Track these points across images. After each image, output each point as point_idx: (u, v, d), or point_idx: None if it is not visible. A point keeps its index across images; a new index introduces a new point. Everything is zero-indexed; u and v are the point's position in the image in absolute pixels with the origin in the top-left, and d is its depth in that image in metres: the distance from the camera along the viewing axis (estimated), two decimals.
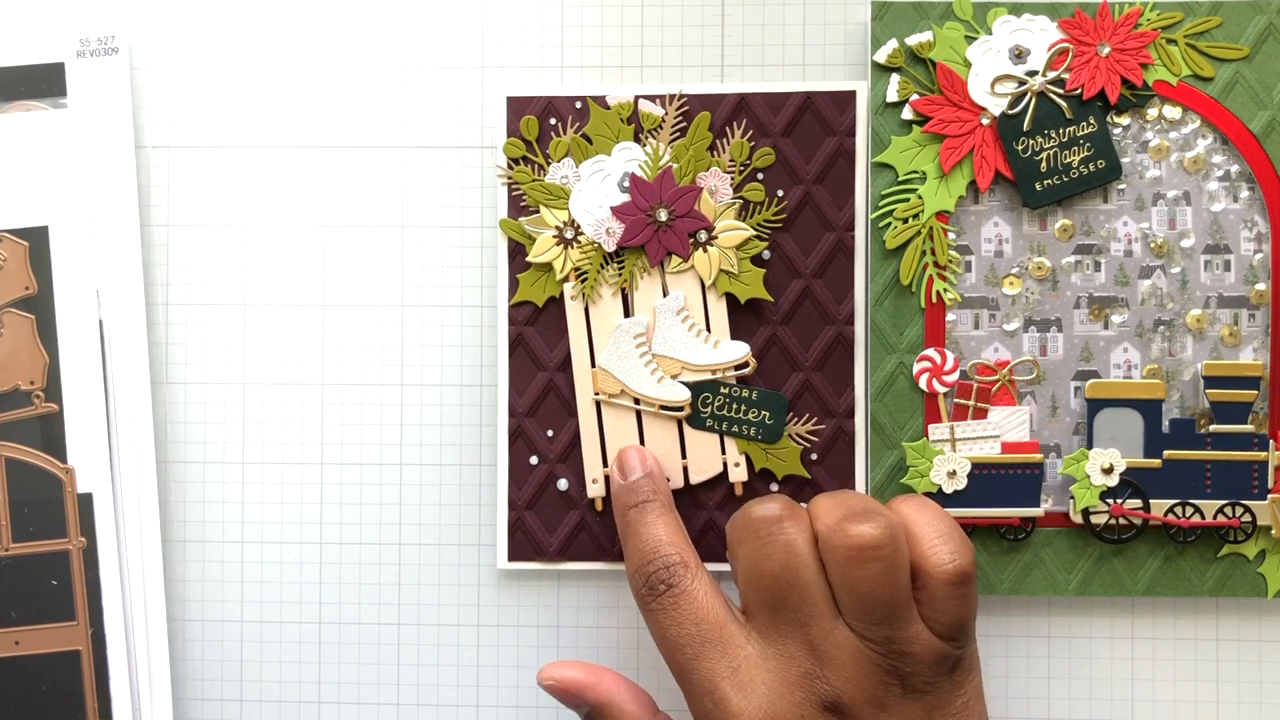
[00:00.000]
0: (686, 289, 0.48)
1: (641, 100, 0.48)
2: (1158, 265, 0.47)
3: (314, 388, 0.50)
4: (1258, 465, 0.47)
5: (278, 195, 0.50)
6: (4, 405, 0.49)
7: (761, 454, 0.48)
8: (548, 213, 0.48)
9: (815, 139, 0.48)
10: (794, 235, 0.48)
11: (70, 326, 0.49)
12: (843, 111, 0.47)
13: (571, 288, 0.48)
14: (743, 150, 0.47)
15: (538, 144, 0.48)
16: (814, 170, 0.48)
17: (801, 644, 0.40)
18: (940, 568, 0.40)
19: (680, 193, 0.47)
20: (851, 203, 0.48)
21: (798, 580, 0.40)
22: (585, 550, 0.48)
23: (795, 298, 0.48)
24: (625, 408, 0.48)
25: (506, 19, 0.49)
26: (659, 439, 0.48)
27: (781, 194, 0.48)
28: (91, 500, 0.49)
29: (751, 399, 0.48)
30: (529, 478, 0.48)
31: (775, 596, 0.41)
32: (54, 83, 0.49)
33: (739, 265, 0.48)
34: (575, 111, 0.48)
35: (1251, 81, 0.47)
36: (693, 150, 0.47)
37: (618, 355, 0.48)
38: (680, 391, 0.48)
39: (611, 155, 0.48)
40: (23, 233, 0.49)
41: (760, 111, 0.48)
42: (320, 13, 0.50)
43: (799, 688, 0.40)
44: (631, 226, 0.48)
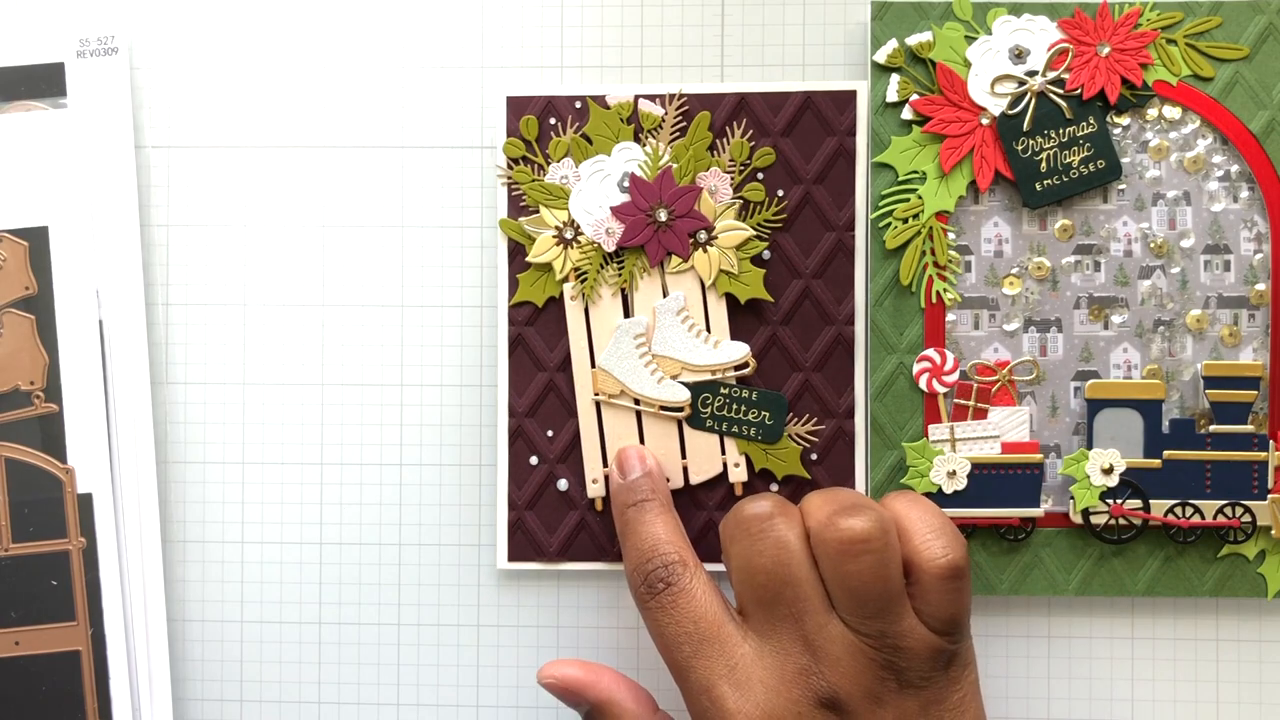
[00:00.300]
0: (686, 289, 0.48)
1: (641, 100, 0.48)
2: (1158, 265, 0.47)
3: (314, 388, 0.50)
4: (1258, 465, 0.47)
5: (278, 195, 0.50)
6: (4, 405, 0.49)
7: (761, 454, 0.48)
8: (547, 213, 0.48)
9: (815, 139, 0.48)
10: (794, 235, 0.48)
11: (70, 326, 0.49)
12: (843, 111, 0.47)
13: (571, 288, 0.48)
14: (743, 150, 0.47)
15: (537, 144, 0.48)
16: (814, 170, 0.48)
17: (796, 640, 0.40)
18: (933, 562, 0.40)
19: (680, 193, 0.47)
20: (852, 203, 0.48)
21: (790, 576, 0.40)
22: (585, 550, 0.48)
23: (795, 298, 0.48)
24: (625, 408, 0.48)
25: (506, 19, 0.49)
26: (659, 439, 0.48)
27: (781, 194, 0.48)
28: (91, 500, 0.49)
29: (751, 399, 0.48)
30: (529, 478, 0.48)
31: (769, 593, 0.41)
32: (54, 83, 0.49)
33: (739, 265, 0.48)
34: (575, 111, 0.48)
35: (1251, 81, 0.47)
36: (692, 150, 0.47)
37: (617, 355, 0.48)
38: (680, 392, 0.48)
39: (611, 155, 0.48)
40: (23, 233, 0.49)
41: (760, 111, 0.48)
42: (320, 12, 0.50)
43: (795, 684, 0.40)
44: (631, 226, 0.48)
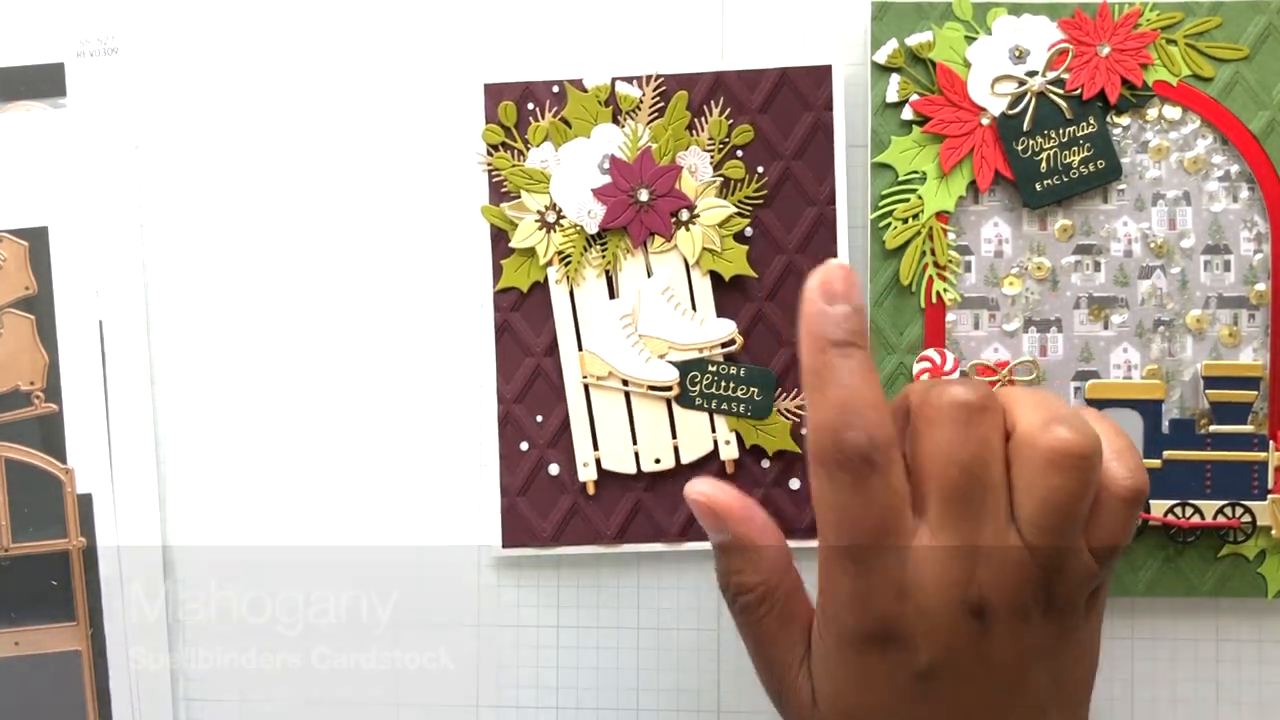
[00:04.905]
0: (671, 268, 0.48)
1: (619, 82, 0.48)
2: (1158, 265, 0.47)
3: (311, 386, 0.50)
4: (1258, 465, 0.47)
5: (278, 195, 0.50)
6: (4, 405, 0.49)
7: (752, 430, 0.48)
8: (529, 197, 0.48)
9: (793, 115, 0.48)
10: (775, 211, 0.48)
11: (70, 326, 0.49)
12: (819, 86, 0.48)
13: (555, 271, 0.48)
14: (721, 128, 0.48)
15: (516, 129, 0.48)
16: (793, 146, 0.48)
17: (969, 543, 0.38)
18: (1118, 482, 0.38)
19: (660, 172, 0.48)
20: (831, 177, 0.48)
21: (987, 478, 0.37)
22: (579, 534, 0.48)
23: (779, 273, 0.48)
24: (614, 390, 0.48)
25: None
26: (648, 420, 0.48)
27: (761, 170, 0.48)
28: (91, 500, 0.49)
29: (740, 376, 0.48)
30: (520, 464, 0.48)
31: (961, 491, 0.37)
32: (53, 82, 0.49)
33: (722, 243, 0.48)
34: (553, 96, 0.48)
35: (1251, 81, 0.47)
36: (671, 130, 0.48)
37: (604, 337, 0.48)
38: (668, 371, 0.48)
39: (590, 138, 0.48)
40: (23, 233, 0.49)
41: (737, 89, 0.48)
42: (319, 12, 0.50)
43: (953, 588, 0.37)
44: (613, 208, 0.48)
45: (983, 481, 0.38)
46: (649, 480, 0.48)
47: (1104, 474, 0.38)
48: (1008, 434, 0.38)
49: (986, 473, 0.38)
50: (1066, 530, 0.38)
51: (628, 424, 0.48)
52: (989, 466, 0.38)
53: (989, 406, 0.38)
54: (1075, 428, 0.37)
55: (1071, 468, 0.37)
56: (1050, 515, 0.37)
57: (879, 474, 0.37)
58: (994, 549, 0.38)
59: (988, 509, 0.38)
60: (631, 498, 0.48)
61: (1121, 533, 0.38)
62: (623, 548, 0.48)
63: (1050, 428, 0.37)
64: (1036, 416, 0.38)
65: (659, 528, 0.48)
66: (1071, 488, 0.37)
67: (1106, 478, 0.38)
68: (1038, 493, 0.37)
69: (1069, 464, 0.37)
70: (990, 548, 0.38)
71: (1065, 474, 0.37)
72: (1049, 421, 0.37)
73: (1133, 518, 0.39)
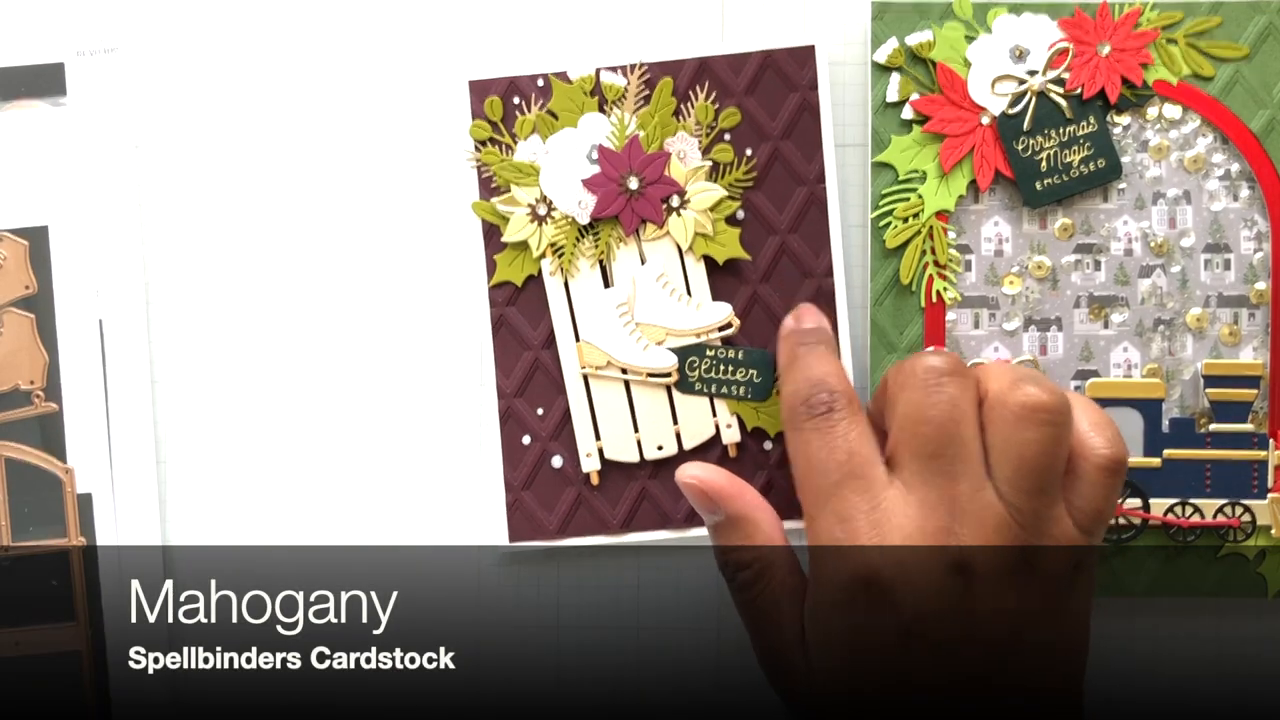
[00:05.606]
0: (664, 255, 0.48)
1: (603, 72, 0.48)
2: (1158, 264, 0.47)
3: (311, 386, 0.50)
4: (1258, 465, 0.47)
5: (277, 196, 0.50)
6: (4, 405, 0.49)
7: (753, 413, 0.48)
8: (519, 191, 0.48)
9: (779, 96, 0.48)
10: (766, 192, 0.48)
11: (70, 326, 0.49)
12: (803, 66, 0.48)
13: (549, 264, 0.48)
14: (708, 113, 0.48)
15: (503, 124, 0.48)
16: (779, 127, 0.48)
17: (944, 499, 0.39)
18: (1096, 452, 0.40)
19: (649, 160, 0.48)
20: (820, 155, 0.48)
21: (958, 434, 0.39)
22: (585, 525, 0.48)
23: (773, 255, 0.48)
24: (613, 379, 0.48)
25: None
26: (649, 407, 0.48)
27: (750, 153, 0.48)
28: (91, 500, 0.49)
29: (738, 358, 0.48)
30: (523, 458, 0.48)
31: (932, 446, 0.39)
32: (53, 82, 0.49)
33: (714, 226, 0.48)
34: (538, 89, 0.48)
35: (1251, 81, 0.47)
36: (658, 117, 0.48)
37: (601, 327, 0.48)
38: (666, 358, 0.48)
39: (578, 128, 0.48)
40: (23, 232, 0.49)
41: (722, 73, 0.48)
42: (318, 11, 0.50)
43: (932, 540, 0.39)
44: (604, 198, 0.48)
45: (954, 438, 0.39)
46: (652, 468, 0.48)
47: (1082, 445, 0.40)
48: (981, 401, 0.40)
49: (957, 430, 0.39)
50: (1044, 488, 0.39)
51: (628, 412, 0.48)
52: (959, 425, 0.39)
53: (958, 372, 0.40)
54: (1043, 386, 0.39)
55: (1042, 423, 0.39)
56: (1025, 472, 0.39)
57: (844, 420, 0.41)
58: (971, 507, 0.39)
59: (960, 465, 0.39)
60: (636, 486, 0.48)
61: (1103, 502, 0.40)
62: (629, 537, 0.48)
63: (1019, 385, 0.39)
64: (1006, 379, 0.40)
65: (664, 515, 0.48)
66: (1043, 443, 0.39)
67: (1085, 448, 0.40)
68: (1012, 450, 0.39)
69: (1039, 419, 0.39)
70: (968, 505, 0.39)
71: (1036, 428, 0.39)
72: (1017, 381, 0.40)
73: (1113, 488, 0.40)
